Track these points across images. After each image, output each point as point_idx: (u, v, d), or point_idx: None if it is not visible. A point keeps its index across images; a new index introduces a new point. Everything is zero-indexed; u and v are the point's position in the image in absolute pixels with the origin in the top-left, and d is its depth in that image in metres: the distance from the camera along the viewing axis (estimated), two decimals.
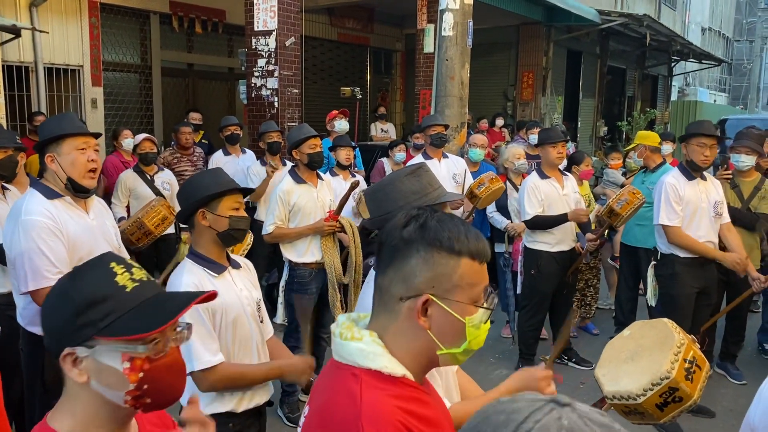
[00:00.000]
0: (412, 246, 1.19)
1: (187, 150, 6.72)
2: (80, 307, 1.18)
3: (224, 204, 2.36)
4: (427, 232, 1.19)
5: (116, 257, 1.29)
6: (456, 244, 1.18)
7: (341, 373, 1.21)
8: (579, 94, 15.64)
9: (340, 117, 6.90)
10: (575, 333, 5.80)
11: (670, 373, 2.26)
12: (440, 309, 1.18)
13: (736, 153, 4.87)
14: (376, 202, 1.88)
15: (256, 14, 7.27)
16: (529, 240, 5.03)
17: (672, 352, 2.32)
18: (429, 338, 1.20)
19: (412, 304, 1.19)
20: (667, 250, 4.37)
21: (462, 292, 1.19)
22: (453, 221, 1.22)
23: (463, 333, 1.20)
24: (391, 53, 14.86)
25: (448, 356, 1.22)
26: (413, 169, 1.91)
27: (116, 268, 1.24)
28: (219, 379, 2.26)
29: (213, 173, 2.51)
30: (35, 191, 2.63)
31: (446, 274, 1.18)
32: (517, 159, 5.84)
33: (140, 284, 1.24)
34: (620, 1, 17.32)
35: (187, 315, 2.16)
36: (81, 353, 1.19)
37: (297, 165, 4.37)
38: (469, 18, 6.77)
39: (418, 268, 1.18)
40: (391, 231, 1.22)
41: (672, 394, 2.28)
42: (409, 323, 1.20)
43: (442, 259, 1.18)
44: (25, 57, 7.80)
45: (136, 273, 1.25)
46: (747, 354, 5.51)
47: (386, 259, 1.22)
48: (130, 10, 9.43)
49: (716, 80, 34.39)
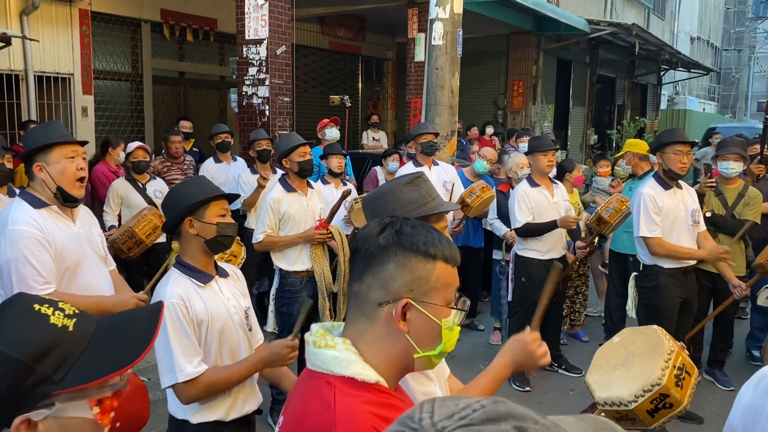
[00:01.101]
0: (389, 251, 1.22)
1: (177, 158, 6.71)
2: (27, 365, 0.97)
3: (211, 211, 2.36)
4: (403, 237, 1.23)
5: (30, 297, 1.07)
6: (431, 248, 1.23)
7: (315, 381, 1.22)
8: (569, 102, 15.75)
9: (331, 125, 6.92)
10: (565, 340, 5.82)
11: (661, 380, 2.29)
12: (418, 312, 1.22)
13: (724, 160, 4.90)
14: (374, 210, 1.89)
15: (247, 23, 7.29)
16: (519, 248, 5.05)
17: (662, 359, 2.35)
18: (406, 342, 1.22)
19: (391, 308, 1.21)
20: (650, 261, 4.32)
21: (438, 294, 1.24)
22: (425, 228, 1.27)
23: (439, 335, 1.24)
24: (383, 62, 14.91)
25: (424, 359, 1.25)
26: (412, 179, 1.93)
27: (42, 308, 1.03)
28: (202, 389, 2.24)
29: (197, 181, 2.52)
30: (22, 200, 2.62)
31: (424, 277, 1.22)
32: (521, 168, 5.86)
33: (78, 319, 1.06)
34: (609, 11, 17.48)
35: (168, 325, 2.18)
36: (36, 417, 0.99)
37: (287, 173, 4.38)
38: (459, 27, 6.82)
39: (397, 272, 1.21)
40: (367, 238, 1.25)
41: (663, 401, 2.32)
42: (387, 328, 1.22)
43: (419, 263, 1.22)
44: (15, 65, 7.78)
45: (66, 308, 1.07)
46: (735, 360, 5.55)
47: (362, 265, 1.24)
48: (122, 18, 9.43)
49: (705, 89, 34.69)
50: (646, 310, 4.39)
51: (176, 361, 2.19)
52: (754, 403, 1.53)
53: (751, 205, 4.84)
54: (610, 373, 2.50)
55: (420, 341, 1.23)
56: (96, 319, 1.09)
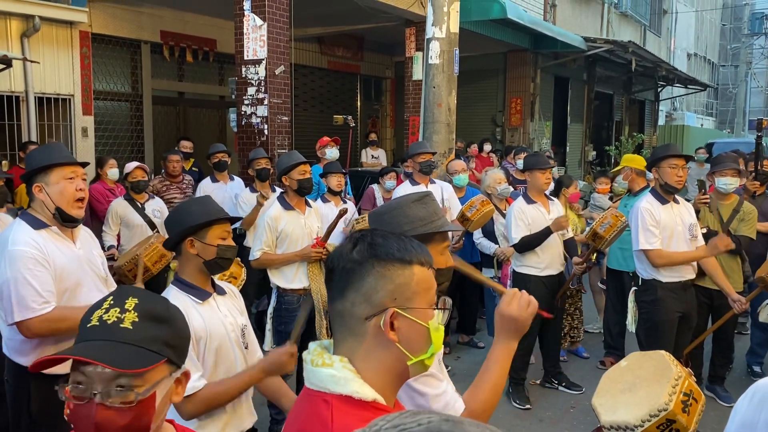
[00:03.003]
0: (366, 264, 1.23)
1: (176, 178, 6.74)
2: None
3: (213, 233, 2.38)
4: (378, 248, 1.24)
5: None
6: (406, 254, 1.25)
7: (313, 399, 1.22)
8: (567, 119, 15.83)
9: (332, 145, 6.94)
10: (565, 357, 5.80)
11: (668, 405, 2.29)
12: (405, 319, 1.23)
13: (722, 176, 4.91)
14: (381, 225, 1.92)
15: (246, 43, 7.36)
16: (517, 264, 5.05)
17: (670, 385, 2.35)
18: (398, 351, 1.23)
19: (378, 320, 1.22)
20: (649, 275, 4.32)
21: (420, 298, 1.25)
22: (395, 236, 1.29)
23: (428, 338, 1.25)
24: (381, 80, 15.02)
25: (418, 364, 1.26)
26: (421, 197, 1.98)
27: None
28: (202, 402, 2.23)
29: (202, 201, 2.52)
30: (22, 221, 2.64)
31: (405, 284, 1.23)
32: (498, 184, 5.89)
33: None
34: (606, 28, 17.62)
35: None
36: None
37: (286, 191, 4.41)
38: (455, 46, 6.89)
39: (378, 283, 1.22)
40: (341, 256, 1.26)
41: (669, 426, 2.30)
42: (377, 341, 1.23)
43: (397, 270, 1.23)
44: (15, 86, 7.84)
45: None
46: (736, 376, 5.53)
47: (341, 283, 1.25)
48: (122, 39, 9.53)
49: (703, 105, 34.86)
50: (646, 324, 4.39)
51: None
52: (749, 417, 1.53)
53: (747, 221, 4.84)
54: (617, 397, 2.50)
55: (411, 347, 1.24)
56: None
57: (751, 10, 38.25)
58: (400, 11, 9.71)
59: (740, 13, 37.72)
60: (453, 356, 5.88)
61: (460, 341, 6.28)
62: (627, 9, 19.19)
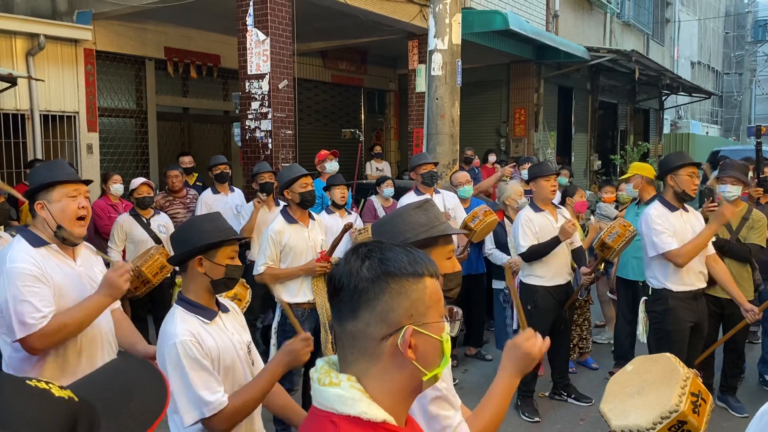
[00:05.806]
0: (380, 282, 1.17)
1: (179, 193, 6.75)
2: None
3: (223, 252, 2.35)
4: (389, 264, 1.18)
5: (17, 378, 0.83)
6: (418, 267, 1.20)
7: (320, 420, 1.17)
8: (572, 129, 15.81)
9: (331, 158, 6.92)
10: (574, 368, 5.73)
11: (678, 407, 2.30)
12: (422, 335, 1.18)
13: (722, 183, 4.86)
14: (384, 235, 1.90)
15: (250, 58, 7.39)
16: (525, 275, 5.01)
17: (679, 386, 2.37)
18: (413, 369, 1.18)
19: (395, 339, 1.16)
20: (660, 285, 4.26)
21: (433, 311, 1.20)
22: (401, 247, 1.24)
23: (441, 350, 1.21)
24: (385, 93, 15.06)
25: (431, 379, 1.22)
26: (421, 203, 1.96)
27: (38, 384, 0.82)
28: (232, 414, 2.20)
29: (213, 219, 2.45)
30: (21, 238, 2.62)
31: (419, 299, 1.18)
32: (519, 197, 5.84)
33: (72, 389, 0.87)
34: (609, 38, 17.64)
35: (184, 362, 2.13)
36: None
37: (289, 204, 4.38)
38: (458, 58, 6.89)
39: (394, 302, 1.17)
40: (350, 274, 1.19)
41: (681, 427, 2.33)
42: (393, 360, 1.17)
43: (411, 285, 1.18)
44: (21, 105, 7.89)
45: (53, 384, 0.85)
46: (748, 386, 5.45)
47: (351, 303, 1.18)
48: (126, 56, 9.59)
49: (708, 112, 34.81)
50: (657, 334, 4.32)
51: (199, 396, 2.14)
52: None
53: (756, 229, 4.79)
54: (626, 401, 2.49)
55: (426, 363, 1.19)
56: (86, 389, 0.91)
57: (753, 18, 38.31)
58: (402, 24, 9.74)
59: (743, 21, 37.76)
60: (461, 369, 5.82)
61: (468, 354, 6.22)
62: (629, 18, 19.22)
